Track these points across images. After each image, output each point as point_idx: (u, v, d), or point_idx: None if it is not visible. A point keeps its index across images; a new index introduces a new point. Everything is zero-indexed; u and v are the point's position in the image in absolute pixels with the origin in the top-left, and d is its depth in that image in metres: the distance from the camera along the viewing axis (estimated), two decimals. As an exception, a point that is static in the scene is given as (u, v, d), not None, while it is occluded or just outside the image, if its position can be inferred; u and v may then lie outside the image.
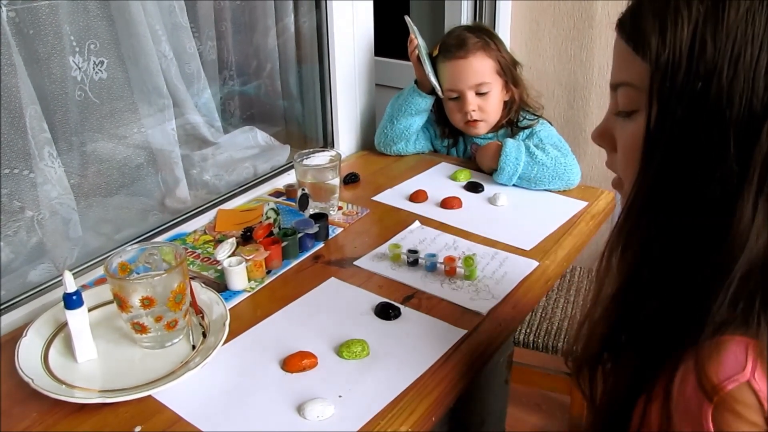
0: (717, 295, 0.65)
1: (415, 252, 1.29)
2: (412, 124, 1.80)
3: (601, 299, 0.79)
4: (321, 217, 1.40)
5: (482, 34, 1.72)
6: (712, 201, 0.66)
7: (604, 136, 0.81)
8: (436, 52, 1.76)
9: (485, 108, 1.72)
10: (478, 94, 1.71)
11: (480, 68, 1.70)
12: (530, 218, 1.48)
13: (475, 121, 1.73)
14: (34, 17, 1.20)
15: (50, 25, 1.23)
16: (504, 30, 2.44)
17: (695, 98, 0.66)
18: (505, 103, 1.76)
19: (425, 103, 1.78)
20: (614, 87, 0.76)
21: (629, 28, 0.72)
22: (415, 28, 1.77)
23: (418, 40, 1.75)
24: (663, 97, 0.68)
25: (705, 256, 0.67)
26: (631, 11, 0.73)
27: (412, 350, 1.06)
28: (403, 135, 1.81)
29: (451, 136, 1.86)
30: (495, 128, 1.78)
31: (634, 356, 0.75)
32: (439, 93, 1.74)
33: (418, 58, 1.75)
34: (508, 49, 1.79)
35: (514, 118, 1.77)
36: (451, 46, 1.72)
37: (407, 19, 1.79)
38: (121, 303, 1.01)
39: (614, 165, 0.81)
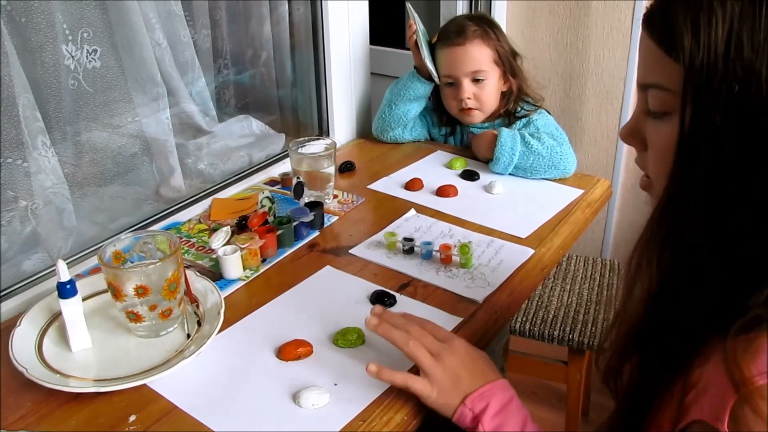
0: (755, 290, 0.65)
1: (411, 240, 1.29)
2: (410, 109, 1.79)
3: (633, 298, 0.78)
4: (316, 206, 1.40)
5: (482, 23, 1.72)
6: (750, 201, 0.65)
7: (633, 135, 0.78)
8: (435, 39, 1.76)
9: (480, 96, 1.71)
10: (474, 81, 1.70)
11: (477, 56, 1.69)
12: (526, 206, 1.48)
13: (470, 109, 1.73)
14: (25, 5, 1.20)
15: (42, 14, 1.22)
16: (500, 18, 2.43)
17: (733, 101, 0.64)
18: (503, 93, 1.76)
19: (424, 89, 1.77)
20: (644, 87, 0.73)
21: (659, 27, 0.69)
22: (415, 14, 1.77)
23: (417, 26, 1.75)
24: (698, 101, 0.65)
25: (743, 253, 0.66)
26: (659, 8, 0.70)
27: (407, 338, 1.05)
28: (401, 121, 1.80)
29: (448, 125, 1.86)
30: (491, 118, 1.78)
31: (662, 349, 0.74)
32: (436, 79, 1.74)
33: (417, 44, 1.74)
34: (510, 44, 1.77)
35: (512, 109, 1.76)
36: (450, 32, 1.72)
37: (408, 5, 1.79)
38: (116, 292, 1.01)
39: (644, 164, 0.78)
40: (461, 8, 2.43)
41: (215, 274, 1.23)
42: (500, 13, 2.43)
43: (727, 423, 0.62)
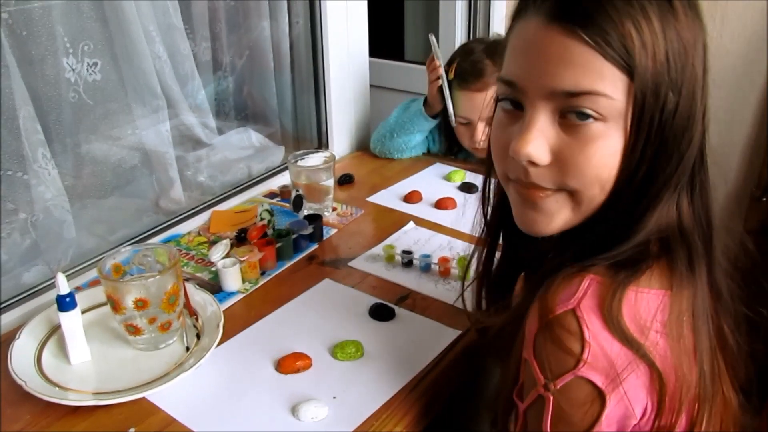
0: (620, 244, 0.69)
1: (410, 253, 1.29)
2: (411, 139, 1.80)
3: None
4: (315, 218, 1.40)
5: (501, 60, 1.65)
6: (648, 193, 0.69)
7: (543, 148, 0.69)
8: (452, 76, 1.69)
9: None
10: (490, 125, 1.66)
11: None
12: (524, 219, 1.48)
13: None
14: (27, 18, 1.20)
15: (43, 27, 1.22)
16: (498, 29, 2.43)
17: (671, 112, 0.66)
18: None
19: (429, 125, 1.78)
20: (568, 94, 0.65)
21: (596, 30, 0.63)
22: (438, 49, 1.71)
23: (441, 70, 1.69)
24: (646, 109, 0.65)
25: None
26: (591, 10, 0.64)
27: (406, 351, 1.06)
28: (400, 149, 1.82)
29: (454, 150, 1.86)
30: None
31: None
32: (452, 121, 1.70)
33: (440, 88, 1.69)
34: None
35: None
36: (468, 74, 1.65)
37: (431, 38, 1.73)
38: (115, 304, 1.01)
39: (549, 176, 0.70)
40: (459, 16, 2.44)
41: (214, 286, 1.23)
42: (498, 25, 2.44)
43: (532, 350, 0.67)
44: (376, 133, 1.86)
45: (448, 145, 1.87)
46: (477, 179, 1.65)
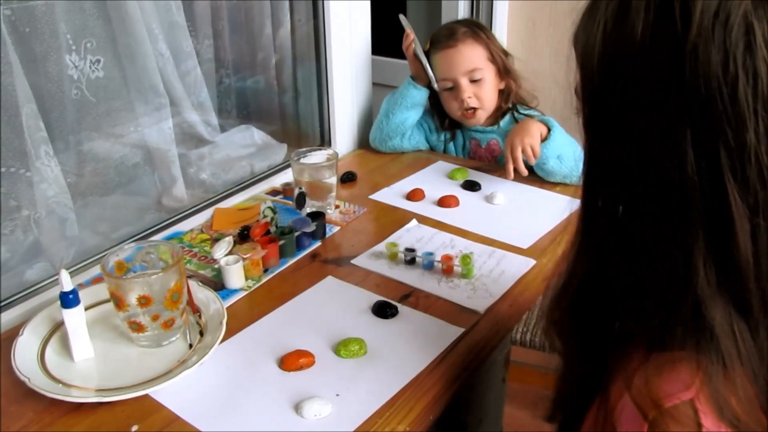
0: (679, 311, 0.59)
1: (413, 250, 1.29)
2: (407, 117, 1.80)
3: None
4: (318, 216, 1.40)
5: (471, 25, 1.76)
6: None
7: None
8: (428, 47, 1.78)
9: (480, 95, 1.72)
10: (472, 81, 1.71)
11: (470, 54, 1.71)
12: (527, 216, 1.48)
13: (473, 109, 1.73)
14: (30, 16, 1.20)
15: (46, 24, 1.22)
16: (501, 29, 2.44)
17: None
18: (501, 91, 1.77)
19: (420, 95, 1.78)
20: None
21: None
22: (409, 25, 1.79)
23: (412, 34, 1.77)
24: None
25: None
26: None
27: (409, 349, 1.06)
28: (399, 129, 1.81)
29: (449, 129, 1.86)
30: (493, 118, 1.78)
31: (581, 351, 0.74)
32: (435, 85, 1.76)
33: (414, 53, 1.76)
34: (501, 44, 1.80)
35: (512, 107, 1.77)
36: (441, 37, 1.75)
37: (402, 17, 1.81)
38: (118, 302, 1.01)
39: None
40: (462, 9, 2.44)
41: (217, 284, 1.23)
42: (500, 25, 2.44)
43: None
44: (374, 125, 1.87)
45: (441, 121, 1.87)
46: (479, 177, 1.66)
